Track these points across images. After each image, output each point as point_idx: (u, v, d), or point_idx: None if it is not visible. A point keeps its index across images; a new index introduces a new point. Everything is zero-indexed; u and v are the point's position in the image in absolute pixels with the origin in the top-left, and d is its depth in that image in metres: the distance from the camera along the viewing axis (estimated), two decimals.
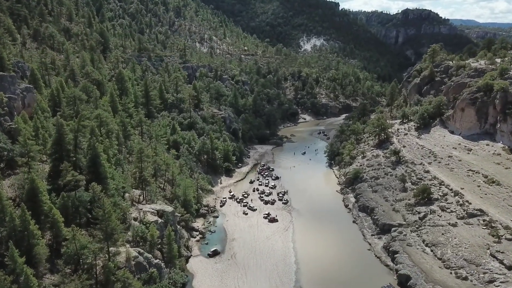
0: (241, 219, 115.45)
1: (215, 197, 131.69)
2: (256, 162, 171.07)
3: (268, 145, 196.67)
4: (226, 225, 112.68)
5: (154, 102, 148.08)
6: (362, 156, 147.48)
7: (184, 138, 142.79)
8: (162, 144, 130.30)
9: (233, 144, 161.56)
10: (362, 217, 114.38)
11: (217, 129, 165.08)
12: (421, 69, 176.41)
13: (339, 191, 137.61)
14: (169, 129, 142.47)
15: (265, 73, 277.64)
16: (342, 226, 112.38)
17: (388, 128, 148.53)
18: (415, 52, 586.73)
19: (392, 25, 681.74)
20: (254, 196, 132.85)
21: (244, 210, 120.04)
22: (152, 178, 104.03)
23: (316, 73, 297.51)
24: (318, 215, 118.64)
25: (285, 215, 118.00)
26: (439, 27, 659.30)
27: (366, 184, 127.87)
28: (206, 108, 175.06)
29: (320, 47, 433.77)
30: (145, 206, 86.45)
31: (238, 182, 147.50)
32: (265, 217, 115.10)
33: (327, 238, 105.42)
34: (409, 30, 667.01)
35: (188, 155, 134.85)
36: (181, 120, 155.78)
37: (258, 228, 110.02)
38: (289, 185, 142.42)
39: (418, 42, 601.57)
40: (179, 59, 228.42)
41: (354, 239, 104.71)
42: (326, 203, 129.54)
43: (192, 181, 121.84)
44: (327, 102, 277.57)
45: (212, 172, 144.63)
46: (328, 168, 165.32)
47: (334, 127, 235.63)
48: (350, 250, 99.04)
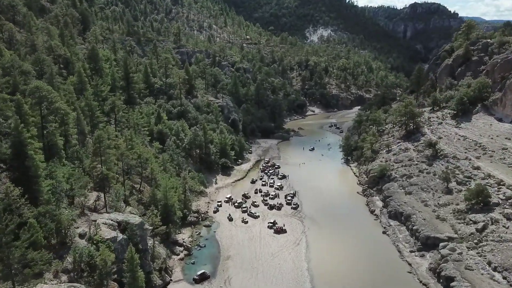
0: (240, 229, 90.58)
1: (208, 201, 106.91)
2: (259, 158, 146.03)
3: (273, 139, 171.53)
4: (219, 237, 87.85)
5: (137, 86, 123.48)
6: (387, 150, 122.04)
7: (172, 129, 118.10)
8: (143, 135, 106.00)
9: (231, 137, 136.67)
10: (394, 227, 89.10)
11: (213, 119, 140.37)
12: (452, 48, 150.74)
13: (361, 192, 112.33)
14: (153, 118, 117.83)
15: (269, 62, 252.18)
16: (370, 238, 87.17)
17: (418, 117, 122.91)
18: (424, 46, 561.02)
19: (400, 19, 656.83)
20: (256, 199, 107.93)
21: (244, 217, 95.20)
22: (121, 177, 79.49)
23: (325, 62, 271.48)
24: (337, 224, 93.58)
25: (296, 224, 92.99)
26: (449, 21, 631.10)
27: (396, 184, 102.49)
28: (200, 96, 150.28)
29: (327, 38, 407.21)
30: (102, 216, 61.71)
31: (237, 181, 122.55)
32: (270, 226, 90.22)
33: (351, 255, 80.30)
34: (417, 25, 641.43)
35: (176, 148, 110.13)
36: (169, 108, 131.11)
37: (261, 241, 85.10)
38: (298, 186, 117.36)
39: (427, 37, 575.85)
40: (172, 44, 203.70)
41: (388, 256, 79.48)
42: (346, 208, 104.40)
43: (178, 180, 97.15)
44: (338, 93, 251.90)
45: (205, 170, 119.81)
46: (344, 165, 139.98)
47: (347, 120, 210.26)
48: (384, 272, 73.74)
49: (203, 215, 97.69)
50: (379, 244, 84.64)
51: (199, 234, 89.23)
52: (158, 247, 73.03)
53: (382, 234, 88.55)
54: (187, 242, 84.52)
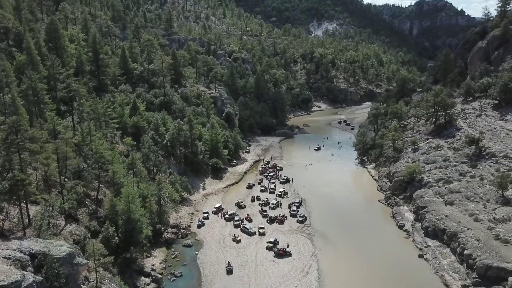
0: (229, 251, 68.77)
1: (192, 211, 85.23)
2: (258, 159, 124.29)
3: (275, 137, 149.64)
4: (202, 262, 66.13)
5: (109, 70, 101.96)
6: (413, 149, 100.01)
7: (150, 122, 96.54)
8: (112, 129, 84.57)
9: (225, 133, 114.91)
10: (434, 249, 67.08)
11: (203, 112, 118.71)
12: (485, 29, 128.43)
13: (383, 200, 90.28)
14: (128, 109, 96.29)
15: (270, 55, 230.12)
16: (402, 264, 65.19)
17: (451, 108, 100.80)
18: (432, 45, 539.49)
19: (406, 17, 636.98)
20: (253, 209, 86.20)
21: (236, 234, 73.38)
22: (70, 181, 58.09)
23: (331, 54, 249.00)
24: (357, 243, 71.63)
25: (303, 244, 71.10)
26: (456, 18, 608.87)
27: (430, 191, 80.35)
28: (190, 85, 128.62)
29: (333, 32, 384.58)
30: (7, 245, 39.98)
31: (230, 186, 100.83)
32: (270, 247, 68.46)
33: (383, 286, 58.48)
34: (424, 22, 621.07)
35: (153, 145, 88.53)
36: (151, 98, 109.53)
37: (258, 269, 63.33)
38: (305, 192, 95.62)
39: (434, 35, 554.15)
40: (163, 31, 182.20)
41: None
42: (366, 221, 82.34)
43: (152, 186, 75.53)
44: (346, 88, 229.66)
45: (192, 173, 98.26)
46: (359, 166, 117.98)
47: (358, 116, 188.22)
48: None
49: (184, 230, 76.09)
50: (416, 272, 62.63)
51: (175, 258, 67.55)
52: (109, 282, 51.27)
53: (418, 259, 66.56)
54: (158, 270, 62.94)
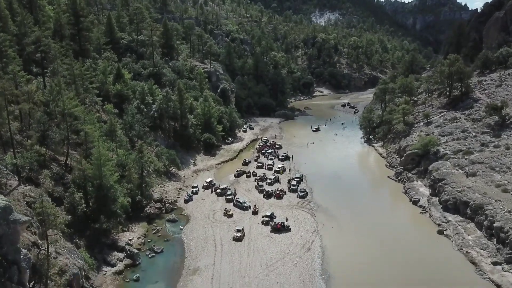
0: (219, 227, 59.74)
1: (180, 186, 76.19)
2: (256, 138, 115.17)
3: (274, 118, 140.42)
4: (187, 237, 57.10)
5: (91, 35, 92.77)
6: (426, 123, 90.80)
7: (135, 91, 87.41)
8: (92, 95, 75.54)
9: (219, 108, 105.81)
10: (456, 224, 57.98)
11: (195, 86, 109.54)
12: (501, 1, 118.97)
13: (394, 176, 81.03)
14: (111, 76, 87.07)
15: (270, 40, 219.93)
16: (420, 241, 56.16)
17: (469, 77, 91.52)
18: (435, 39, 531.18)
19: (409, 12, 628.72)
20: (248, 184, 77.17)
21: (227, 208, 64.37)
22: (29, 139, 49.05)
23: (334, 39, 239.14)
24: (365, 219, 62.60)
25: (304, 219, 62.00)
26: (460, 13, 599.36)
27: (448, 163, 71.15)
28: (182, 60, 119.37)
29: (335, 22, 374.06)
30: None
31: (224, 163, 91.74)
32: (266, 221, 59.48)
33: (396, 268, 49.35)
34: (427, 17, 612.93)
35: (137, 114, 79.43)
36: (138, 69, 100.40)
37: (251, 244, 54.32)
38: (307, 169, 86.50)
39: (437, 30, 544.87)
40: (157, 10, 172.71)
41: (454, 271, 48.58)
42: (375, 197, 73.45)
43: (131, 155, 66.54)
44: (350, 73, 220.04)
45: (181, 148, 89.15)
46: (365, 145, 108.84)
47: (362, 100, 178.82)
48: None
49: (169, 205, 67.06)
50: (436, 250, 53.59)
51: (156, 233, 58.54)
52: (69, 253, 42.23)
53: (437, 235, 57.47)
54: (135, 245, 53.99)
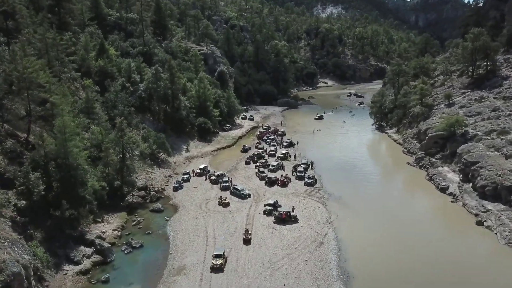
0: (213, 217, 49.71)
1: (169, 173, 66.26)
2: (256, 125, 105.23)
3: (276, 107, 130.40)
4: (174, 230, 47.08)
5: (73, 7, 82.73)
6: (447, 104, 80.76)
7: (121, 68, 77.52)
8: (70, 69, 65.76)
9: (216, 91, 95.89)
10: (498, 213, 47.95)
11: (190, 67, 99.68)
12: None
13: (414, 162, 70.94)
14: (94, 52, 77.18)
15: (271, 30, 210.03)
16: (454, 236, 46.25)
17: (496, 52, 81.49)
18: (437, 37, 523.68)
19: (411, 10, 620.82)
20: (248, 171, 67.22)
21: (222, 197, 54.33)
22: None
23: (338, 30, 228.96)
24: (386, 210, 52.68)
25: (314, 208, 51.94)
26: (463, 11, 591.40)
27: (480, 144, 61.09)
28: (176, 41, 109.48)
29: (338, 16, 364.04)
30: None
31: (220, 150, 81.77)
32: (269, 211, 49.48)
33: (428, 263, 39.32)
34: (429, 15, 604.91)
35: (120, 91, 69.55)
36: (126, 47, 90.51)
37: (251, 237, 44.19)
38: (314, 155, 76.52)
39: (440, 28, 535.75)
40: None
41: (507, 270, 38.54)
42: (395, 186, 63.79)
43: (110, 135, 56.67)
44: (355, 64, 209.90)
45: (172, 132, 79.18)
46: (377, 132, 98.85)
47: (369, 91, 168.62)
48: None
49: (155, 193, 57.12)
50: (477, 245, 43.69)
51: (137, 224, 48.61)
52: (11, 247, 32.26)
53: (476, 227, 47.49)
54: (109, 239, 44.13)
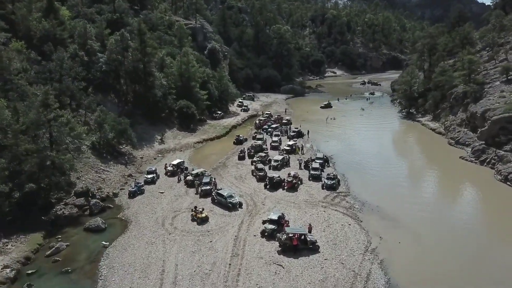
0: (180, 242, 30.35)
1: (129, 172, 47.08)
2: (255, 114, 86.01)
3: (279, 94, 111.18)
4: (110, 265, 27.69)
5: None
6: (506, 80, 61.39)
7: (73, 34, 58.49)
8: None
9: (204, 69, 76.73)
10: None
11: (173, 41, 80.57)
12: None
13: (471, 156, 51.35)
14: (39, 13, 58.21)
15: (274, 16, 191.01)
16: None
17: None
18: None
19: (416, 6, 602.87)
20: (241, 169, 48.00)
21: (198, 208, 35.04)
22: None
23: (346, 16, 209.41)
24: (452, 224, 33.16)
25: (341, 226, 32.46)
26: (470, 6, 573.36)
27: None
28: (159, 12, 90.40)
29: (343, 7, 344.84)
30: None
31: (207, 142, 62.54)
32: (269, 231, 30.06)
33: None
34: (435, 11, 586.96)
35: (68, 59, 50.54)
36: (90, 14, 71.52)
37: (241, 281, 24.87)
38: (330, 149, 57.34)
39: (446, 24, 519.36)
40: None
41: None
42: (451, 187, 44.13)
43: (30, 112, 37.56)
44: (366, 52, 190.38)
45: (145, 118, 60.10)
46: (406, 120, 79.28)
47: (384, 80, 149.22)
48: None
49: (98, 202, 38.00)
50: None
51: (52, 255, 29.39)
52: None
53: None
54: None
